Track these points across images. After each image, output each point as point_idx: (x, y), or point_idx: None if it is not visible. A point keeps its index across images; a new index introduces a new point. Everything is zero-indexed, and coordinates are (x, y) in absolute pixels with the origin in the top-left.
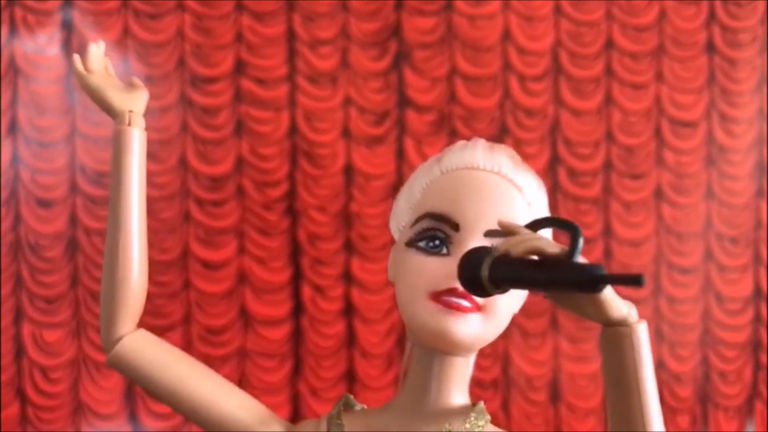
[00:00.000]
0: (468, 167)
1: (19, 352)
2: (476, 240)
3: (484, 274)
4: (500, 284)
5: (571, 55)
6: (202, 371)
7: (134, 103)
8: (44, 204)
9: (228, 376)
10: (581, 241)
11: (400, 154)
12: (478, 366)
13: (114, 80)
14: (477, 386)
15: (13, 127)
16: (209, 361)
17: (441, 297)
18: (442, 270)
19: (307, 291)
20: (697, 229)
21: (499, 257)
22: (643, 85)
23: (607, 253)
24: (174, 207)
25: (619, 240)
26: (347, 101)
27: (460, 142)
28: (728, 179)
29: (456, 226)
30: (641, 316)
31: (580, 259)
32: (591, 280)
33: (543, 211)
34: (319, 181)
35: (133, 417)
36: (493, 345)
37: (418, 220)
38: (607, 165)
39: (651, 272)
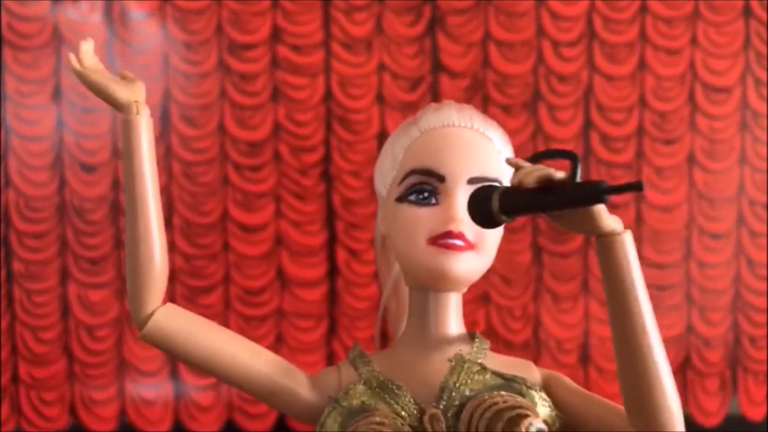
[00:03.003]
0: (444, 125)
1: (66, 311)
2: (461, 188)
3: (494, 206)
4: (510, 213)
5: (605, 20)
6: (229, 335)
7: (137, 93)
8: (88, 168)
9: (265, 336)
10: (579, 165)
11: None
12: (508, 328)
13: (110, 74)
14: (507, 348)
15: (57, 93)
16: (247, 320)
17: (438, 240)
18: (436, 217)
19: (341, 254)
20: (729, 195)
21: (504, 190)
22: (677, 50)
23: (639, 218)
24: (213, 171)
25: (651, 205)
26: (381, 67)
27: (433, 105)
28: (761, 145)
29: (442, 178)
30: (673, 281)
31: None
32: (598, 193)
33: (510, 156)
34: (353, 147)
35: (174, 374)
36: (524, 308)
37: (405, 176)
38: (640, 130)
39: (682, 237)
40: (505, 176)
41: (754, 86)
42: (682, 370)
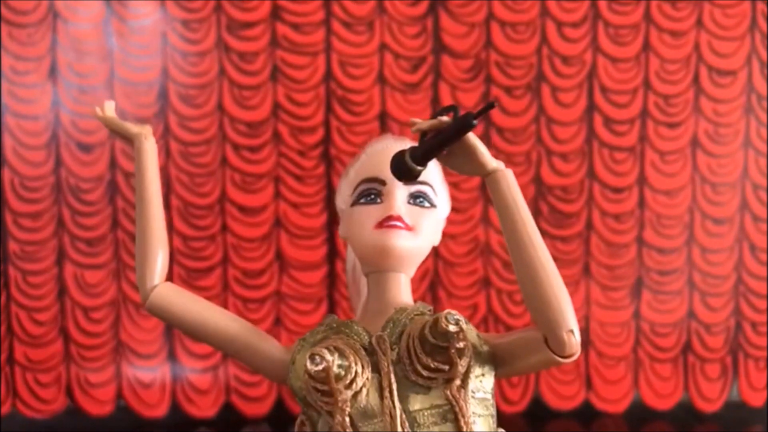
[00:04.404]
0: (383, 147)
1: (62, 292)
2: (398, 188)
3: (407, 159)
4: (420, 161)
5: (610, 1)
6: (217, 308)
7: (146, 129)
8: (84, 148)
9: (264, 319)
10: (459, 110)
11: (436, 100)
12: (509, 312)
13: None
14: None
15: (53, 72)
16: (246, 303)
17: (382, 224)
18: (381, 210)
19: None
20: (733, 179)
21: (412, 148)
22: (682, 32)
23: (642, 202)
24: (211, 152)
25: (654, 189)
26: (383, 47)
27: (375, 138)
28: (765, 128)
29: (383, 182)
30: (675, 266)
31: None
32: (466, 119)
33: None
34: (354, 128)
35: (172, 356)
36: None
37: (356, 186)
38: (644, 113)
39: (685, 222)
40: (433, 179)
41: (759, 69)
42: (682, 356)
